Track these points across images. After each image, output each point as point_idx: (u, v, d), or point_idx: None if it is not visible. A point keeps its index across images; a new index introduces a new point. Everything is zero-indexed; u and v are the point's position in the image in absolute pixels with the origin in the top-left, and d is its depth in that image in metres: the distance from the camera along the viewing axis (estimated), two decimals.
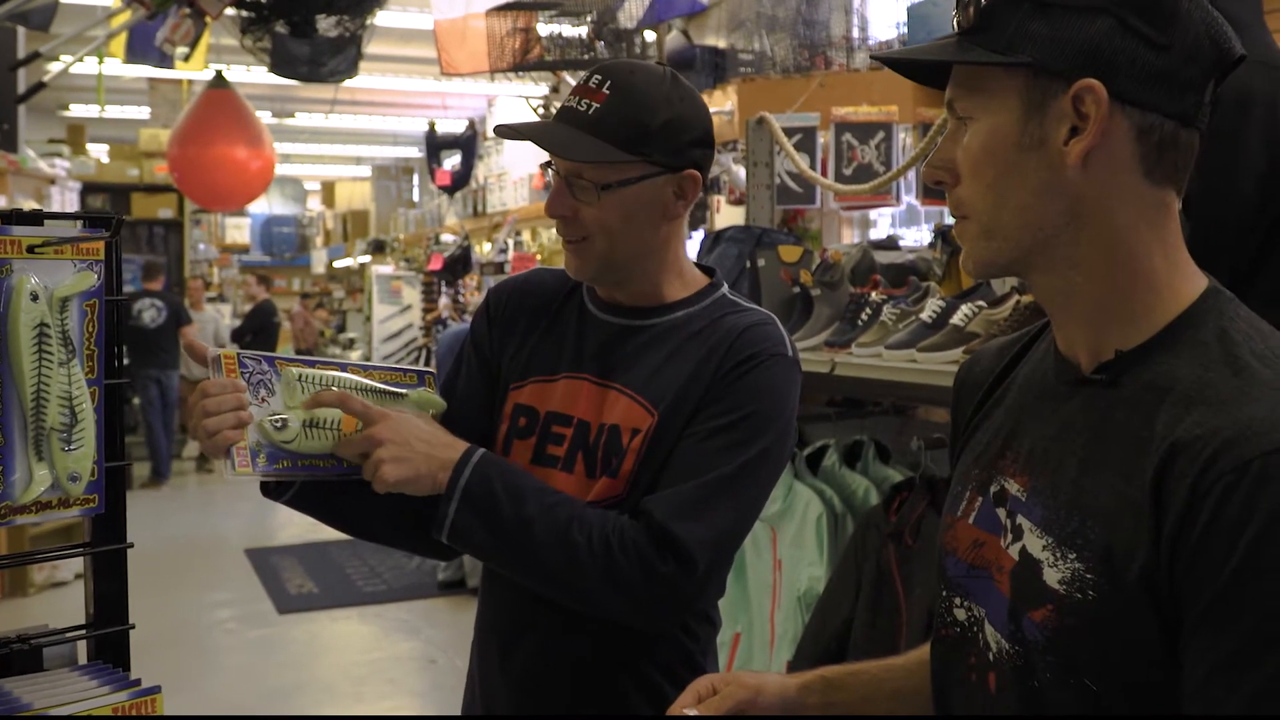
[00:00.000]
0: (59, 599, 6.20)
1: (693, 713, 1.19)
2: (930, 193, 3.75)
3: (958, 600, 1.09)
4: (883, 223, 4.85)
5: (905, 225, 4.79)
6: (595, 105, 1.51)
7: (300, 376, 1.54)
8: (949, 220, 3.85)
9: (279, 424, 1.49)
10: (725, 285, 1.66)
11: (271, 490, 1.58)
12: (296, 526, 8.16)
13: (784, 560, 2.99)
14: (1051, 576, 0.96)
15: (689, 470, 1.49)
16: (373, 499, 1.55)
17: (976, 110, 1.00)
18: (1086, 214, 0.98)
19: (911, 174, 3.73)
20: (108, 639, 1.29)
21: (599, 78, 1.53)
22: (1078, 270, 1.00)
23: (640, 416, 1.54)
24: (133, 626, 1.31)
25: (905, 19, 4.51)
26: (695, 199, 1.60)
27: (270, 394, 1.52)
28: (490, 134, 11.00)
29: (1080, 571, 0.93)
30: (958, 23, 1.02)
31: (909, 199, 4.24)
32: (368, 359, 10.89)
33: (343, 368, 1.61)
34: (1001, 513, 1.05)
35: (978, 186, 1.01)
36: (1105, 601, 0.91)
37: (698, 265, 1.68)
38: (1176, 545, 0.87)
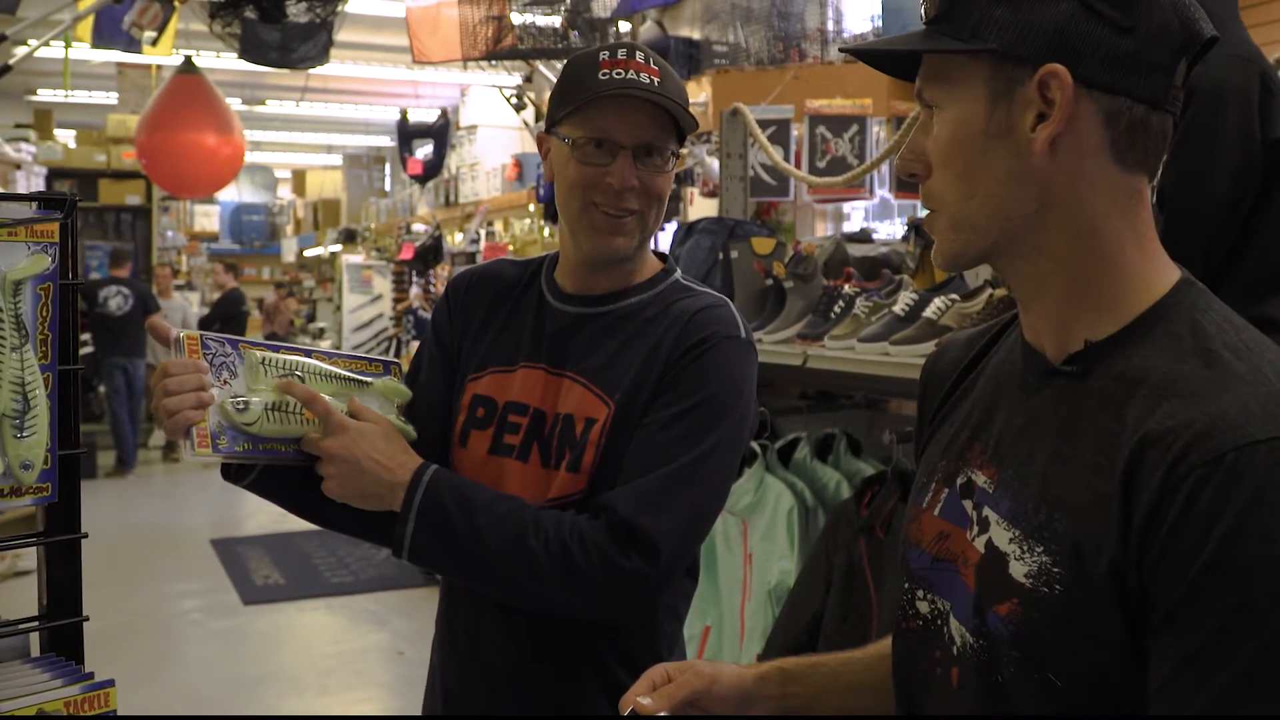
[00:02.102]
0: (23, 588, 6.12)
1: (646, 701, 1.17)
2: (904, 186, 3.75)
3: (921, 593, 1.08)
4: (856, 216, 4.85)
5: (878, 219, 4.78)
6: (655, 79, 1.52)
7: (264, 360, 1.51)
8: (922, 213, 3.85)
9: (241, 406, 1.46)
10: (678, 270, 1.66)
11: (232, 474, 1.56)
12: (263, 517, 8.10)
13: (755, 554, 2.98)
14: (1018, 570, 0.94)
15: (649, 461, 1.47)
16: None
17: (944, 99, 0.99)
18: (1056, 202, 0.96)
19: (885, 167, 3.72)
20: (62, 631, 1.26)
21: (640, 54, 1.54)
22: (1047, 258, 0.98)
23: (594, 405, 1.53)
24: (87, 618, 1.27)
25: (880, 11, 4.50)
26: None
27: (233, 376, 1.50)
28: (462, 124, 10.95)
29: (1047, 565, 0.91)
30: (925, 12, 1.01)
31: (882, 192, 4.24)
32: (338, 348, 10.80)
33: (307, 353, 1.58)
34: (968, 505, 1.03)
35: (947, 177, 0.99)
36: (1071, 595, 0.90)
37: (654, 251, 1.68)
38: (1146, 539, 0.86)
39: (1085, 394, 0.96)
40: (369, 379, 1.61)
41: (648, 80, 1.51)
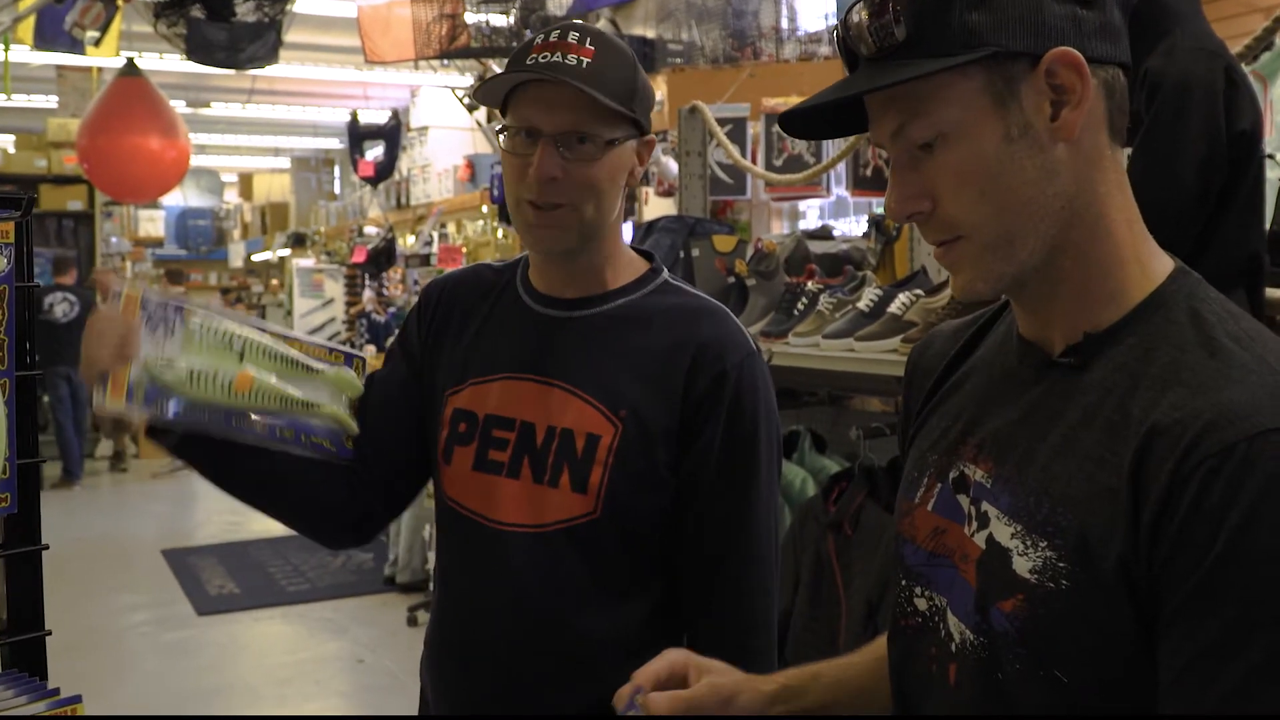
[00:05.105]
0: None
1: (650, 696, 1.13)
2: (861, 183, 3.75)
3: (918, 589, 1.06)
4: (811, 214, 4.86)
5: (834, 216, 4.80)
6: (586, 60, 1.41)
7: (201, 326, 1.49)
8: (879, 210, 3.87)
9: (164, 364, 1.44)
10: (665, 270, 1.59)
11: (159, 433, 1.50)
12: (215, 526, 7.97)
13: None
14: (1022, 565, 0.92)
15: (721, 524, 1.49)
16: (262, 466, 1.52)
17: (941, 125, 0.93)
18: (1076, 191, 0.94)
19: (841, 165, 3.72)
20: (23, 646, 1.21)
21: (576, 33, 1.44)
22: (1067, 255, 0.95)
23: (598, 422, 1.47)
24: (49, 633, 1.23)
25: (834, 9, 4.51)
26: (645, 168, 1.54)
27: (169, 336, 1.47)
28: (413, 125, 10.88)
29: (1052, 560, 0.90)
30: (874, 45, 0.94)
31: (839, 190, 4.24)
32: None
33: (261, 329, 1.55)
34: (964, 500, 1.01)
35: (968, 199, 0.94)
36: (1079, 590, 0.88)
37: (635, 249, 1.61)
38: (1157, 531, 0.84)
39: (1085, 386, 0.94)
40: (322, 367, 1.57)
41: (575, 61, 1.40)
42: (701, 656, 1.20)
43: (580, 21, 1.62)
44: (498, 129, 1.50)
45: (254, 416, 1.50)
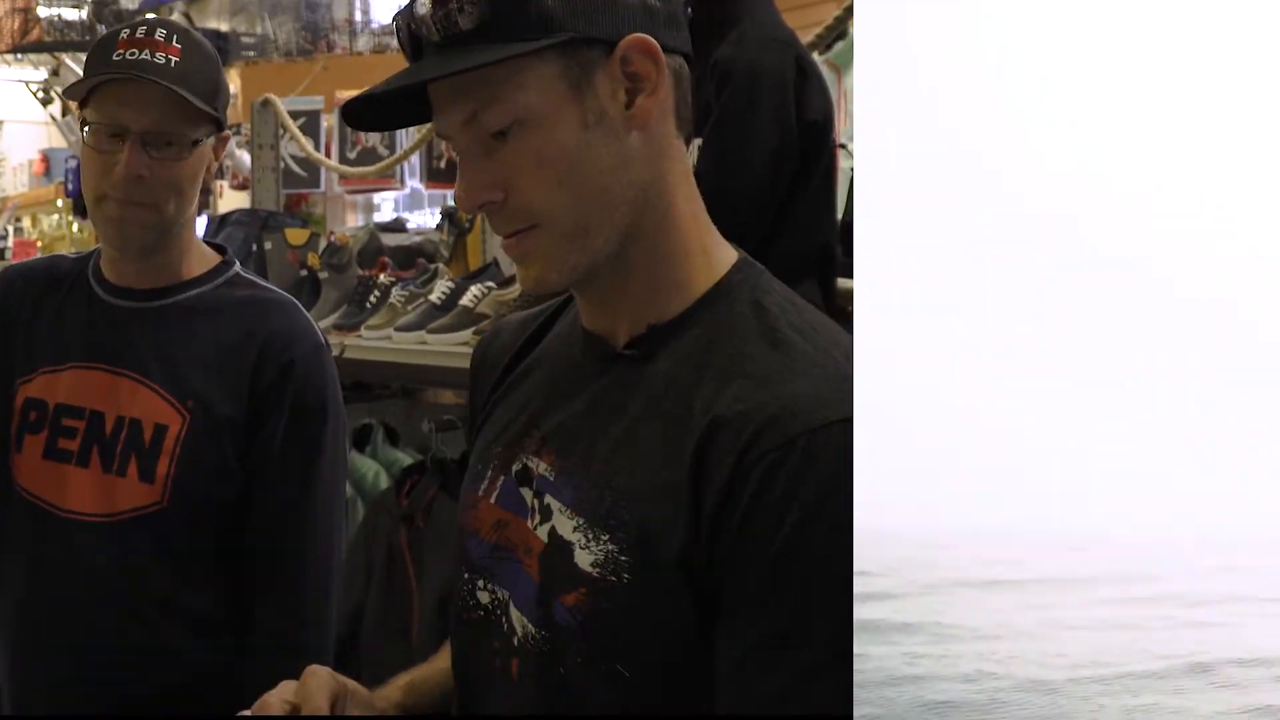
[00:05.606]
0: None
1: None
2: (435, 176, 3.79)
3: (481, 583, 1.02)
4: (386, 206, 4.86)
5: (409, 209, 4.82)
6: (174, 58, 1.41)
7: None
8: (453, 202, 3.91)
9: None
10: (238, 263, 1.61)
11: None
12: None
13: None
14: (584, 559, 0.91)
15: (280, 514, 1.51)
16: None
17: (516, 111, 0.90)
18: (649, 179, 0.93)
19: (415, 158, 3.74)
20: None
21: (164, 30, 1.45)
22: (638, 244, 0.93)
23: (165, 412, 1.48)
24: None
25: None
26: (220, 162, 1.57)
27: None
28: None
29: (614, 554, 0.89)
30: (440, 32, 0.90)
31: (413, 182, 4.27)
32: None
33: None
34: (527, 493, 0.99)
35: (543, 188, 0.91)
36: (640, 584, 0.88)
37: (208, 243, 1.63)
38: (717, 524, 0.85)
39: (649, 378, 0.93)
40: None
41: (164, 60, 1.41)
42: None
43: (163, 17, 1.62)
44: (82, 123, 1.48)
45: None
